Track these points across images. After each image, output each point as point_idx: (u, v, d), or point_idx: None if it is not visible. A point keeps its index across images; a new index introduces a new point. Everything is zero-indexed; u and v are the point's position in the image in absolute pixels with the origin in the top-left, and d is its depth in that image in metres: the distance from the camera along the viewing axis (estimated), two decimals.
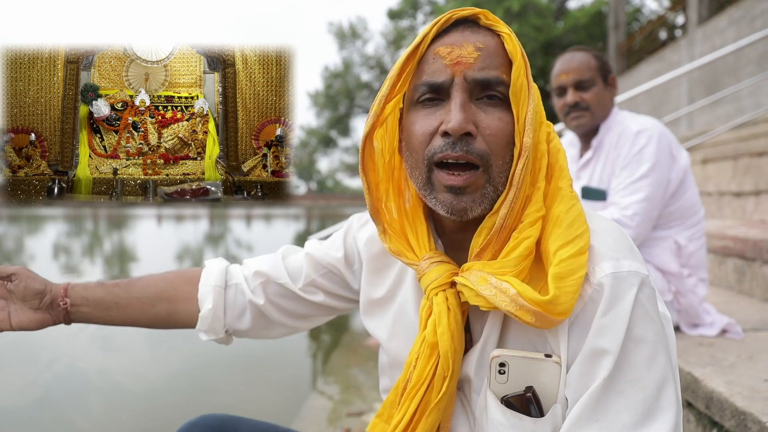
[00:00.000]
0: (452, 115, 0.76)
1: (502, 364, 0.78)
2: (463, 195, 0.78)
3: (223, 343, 1.13)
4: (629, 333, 0.72)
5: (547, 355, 0.77)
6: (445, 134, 0.77)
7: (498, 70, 0.79)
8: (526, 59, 0.80)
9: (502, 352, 0.79)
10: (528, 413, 0.77)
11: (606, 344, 0.72)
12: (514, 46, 0.79)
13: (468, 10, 0.81)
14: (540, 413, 0.77)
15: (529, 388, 0.77)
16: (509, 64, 0.79)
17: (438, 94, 0.80)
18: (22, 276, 1.04)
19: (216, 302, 1.07)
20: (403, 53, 0.80)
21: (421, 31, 0.81)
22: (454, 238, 0.89)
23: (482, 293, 0.76)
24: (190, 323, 1.10)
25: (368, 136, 0.84)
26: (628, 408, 0.71)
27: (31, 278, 1.04)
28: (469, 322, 0.86)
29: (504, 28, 0.80)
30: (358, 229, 1.06)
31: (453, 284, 0.82)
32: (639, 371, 0.72)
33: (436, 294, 0.82)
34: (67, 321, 1.08)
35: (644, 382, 0.72)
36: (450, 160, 0.78)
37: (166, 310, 1.09)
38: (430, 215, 0.91)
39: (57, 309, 1.06)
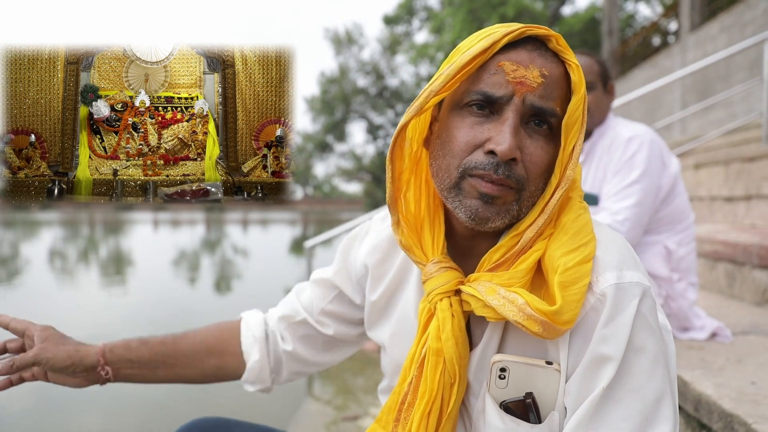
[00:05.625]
0: (504, 137, 0.75)
1: (502, 369, 0.78)
2: (492, 205, 0.77)
3: (266, 392, 1.14)
4: (630, 343, 0.72)
5: (548, 362, 0.77)
6: (490, 153, 0.76)
7: (555, 102, 0.78)
8: (586, 93, 0.80)
9: (504, 357, 0.79)
10: (526, 419, 0.77)
11: (608, 351, 0.72)
12: (580, 78, 0.78)
13: (542, 30, 0.78)
14: (538, 420, 0.77)
15: (529, 394, 0.77)
16: (567, 95, 0.79)
17: (490, 106, 0.78)
18: (46, 352, 0.99)
19: (261, 353, 1.10)
20: (465, 53, 0.77)
21: (488, 34, 0.78)
22: (461, 243, 0.88)
23: (491, 303, 0.75)
24: (235, 375, 1.11)
25: (404, 126, 0.82)
26: (626, 418, 0.71)
27: (56, 354, 1.00)
28: (470, 326, 0.86)
29: (572, 58, 0.78)
30: (359, 246, 1.05)
31: (458, 292, 0.82)
32: (639, 381, 0.72)
33: (441, 300, 0.82)
34: (104, 383, 1.06)
35: (643, 393, 0.72)
36: (487, 179, 0.77)
37: (215, 365, 1.10)
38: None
39: (94, 374, 1.04)
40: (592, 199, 2.14)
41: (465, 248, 0.87)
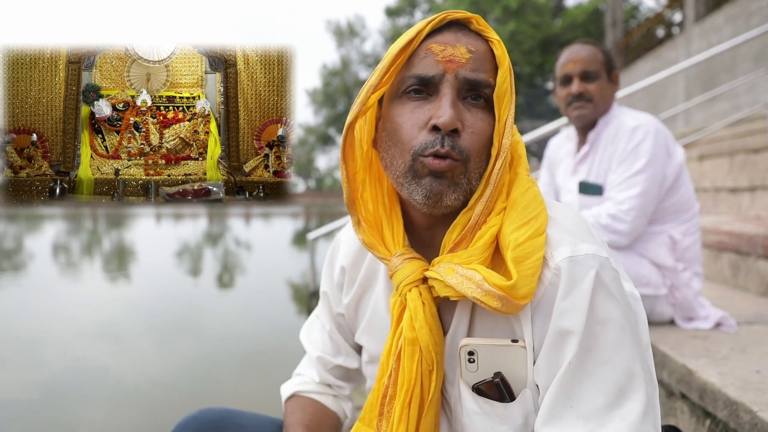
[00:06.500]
0: (443, 110, 0.78)
1: (471, 353, 0.80)
2: (443, 179, 0.79)
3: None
4: (594, 315, 0.74)
5: (514, 341, 0.79)
6: (434, 129, 0.79)
7: (486, 74, 0.81)
8: (511, 65, 0.84)
9: (470, 341, 0.81)
10: (499, 399, 0.79)
11: (569, 325, 0.74)
12: (503, 52, 0.83)
13: (461, 13, 0.83)
14: (510, 397, 0.79)
15: (498, 374, 0.79)
16: (495, 69, 0.83)
17: (426, 88, 0.81)
18: None
19: (345, 405, 1.12)
20: (395, 46, 0.82)
21: (415, 26, 0.83)
22: (422, 234, 0.90)
23: (450, 282, 0.77)
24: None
25: (351, 126, 0.85)
26: (600, 390, 0.73)
27: None
28: (440, 314, 0.87)
29: (493, 35, 0.83)
30: (336, 257, 1.07)
31: (425, 280, 0.84)
32: (607, 353, 0.73)
33: (410, 290, 0.84)
34: None
35: (614, 363, 0.73)
36: (437, 156, 0.79)
37: None
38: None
39: None
40: (596, 189, 2.14)
41: (426, 238, 0.89)
